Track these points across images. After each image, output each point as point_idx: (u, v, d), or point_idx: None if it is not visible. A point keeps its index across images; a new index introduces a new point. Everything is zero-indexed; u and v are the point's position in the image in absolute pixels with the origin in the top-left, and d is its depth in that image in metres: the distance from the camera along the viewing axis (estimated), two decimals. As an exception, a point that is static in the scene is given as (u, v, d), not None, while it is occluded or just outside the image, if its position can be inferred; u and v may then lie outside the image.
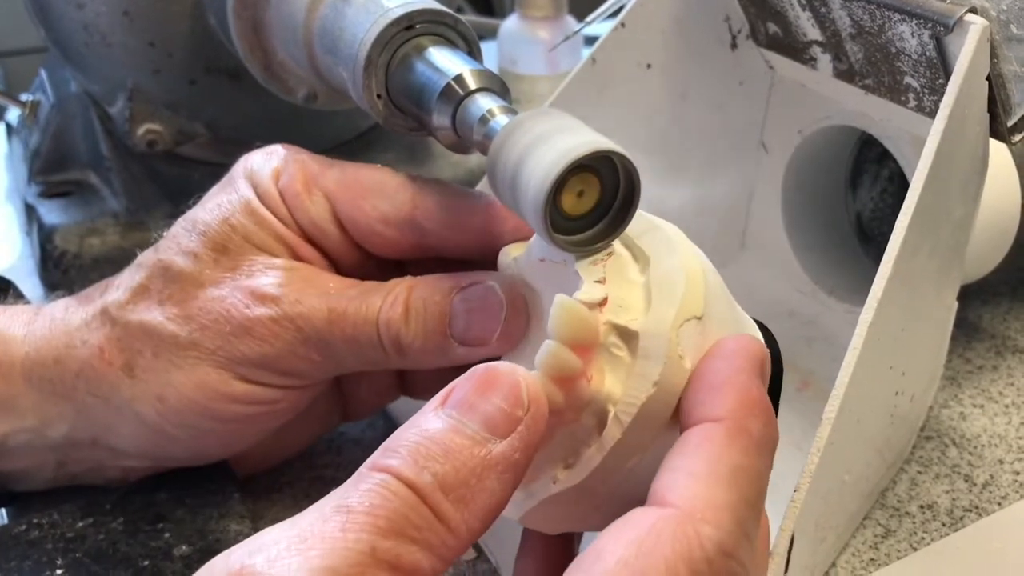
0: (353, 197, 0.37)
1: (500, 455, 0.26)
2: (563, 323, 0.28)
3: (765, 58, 0.51)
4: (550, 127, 0.31)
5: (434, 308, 0.35)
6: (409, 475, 0.25)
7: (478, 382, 0.27)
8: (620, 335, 0.29)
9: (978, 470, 0.46)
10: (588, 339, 0.29)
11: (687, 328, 0.28)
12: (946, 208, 0.39)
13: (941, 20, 0.36)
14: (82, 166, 0.61)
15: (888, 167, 0.56)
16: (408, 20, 0.37)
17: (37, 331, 0.38)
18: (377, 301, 0.35)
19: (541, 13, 0.71)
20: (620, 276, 0.30)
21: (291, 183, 0.37)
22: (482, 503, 0.25)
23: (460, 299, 0.34)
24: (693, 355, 0.28)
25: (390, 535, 0.24)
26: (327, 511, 0.24)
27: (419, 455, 0.25)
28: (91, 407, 0.37)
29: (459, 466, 0.25)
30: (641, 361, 0.28)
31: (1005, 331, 0.55)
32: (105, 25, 0.51)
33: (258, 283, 0.36)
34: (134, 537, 0.37)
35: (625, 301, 0.29)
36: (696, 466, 0.25)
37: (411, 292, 0.35)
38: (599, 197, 0.31)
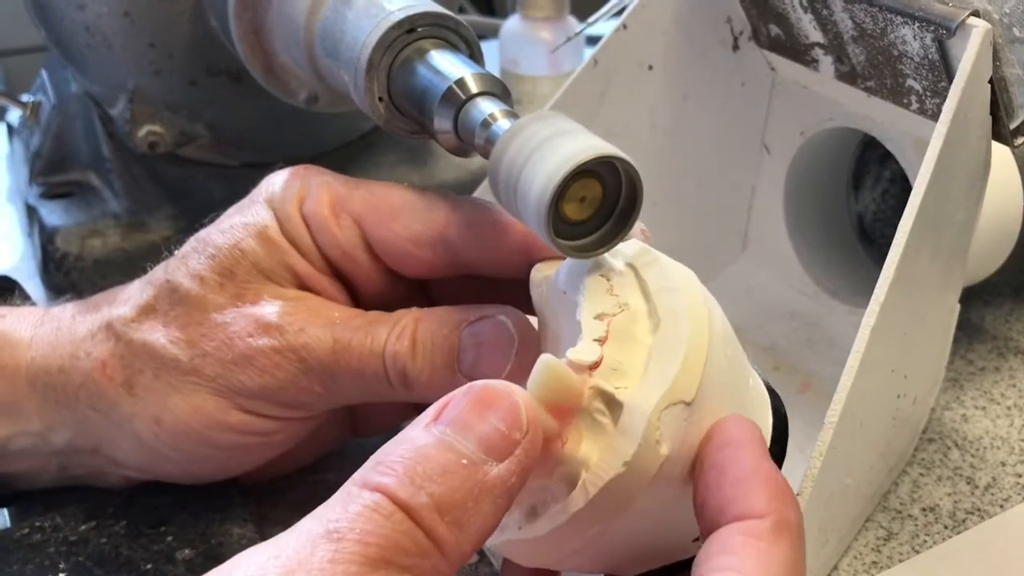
0: (383, 219, 0.36)
1: (497, 478, 0.25)
2: (543, 385, 0.27)
3: (767, 60, 0.51)
4: (552, 131, 0.31)
5: (442, 342, 0.34)
6: (404, 496, 0.24)
7: (475, 400, 0.26)
8: (606, 402, 0.28)
9: (980, 472, 0.46)
10: (569, 404, 0.28)
11: (671, 412, 0.27)
12: (949, 211, 0.39)
13: (944, 23, 0.36)
14: (83, 167, 0.61)
15: (890, 168, 0.55)
16: (410, 23, 0.37)
17: (43, 336, 0.38)
18: (383, 333, 0.35)
19: (543, 14, 0.71)
20: (626, 335, 0.29)
21: (317, 207, 0.37)
22: (476, 527, 0.25)
23: (469, 333, 0.34)
24: (673, 441, 0.27)
25: (379, 565, 0.23)
26: (315, 536, 0.23)
27: (415, 474, 0.24)
28: (92, 419, 0.37)
29: (456, 488, 0.24)
30: (619, 436, 0.27)
31: (1007, 332, 0.55)
32: (106, 26, 0.51)
33: (262, 312, 0.35)
34: (136, 541, 0.37)
35: (623, 365, 0.28)
36: (747, 566, 0.25)
37: (418, 324, 0.34)
38: (601, 202, 0.31)
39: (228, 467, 0.38)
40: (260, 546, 0.24)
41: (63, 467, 0.39)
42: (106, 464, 0.38)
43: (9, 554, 0.36)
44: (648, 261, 0.31)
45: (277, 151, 0.58)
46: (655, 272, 0.30)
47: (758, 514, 0.26)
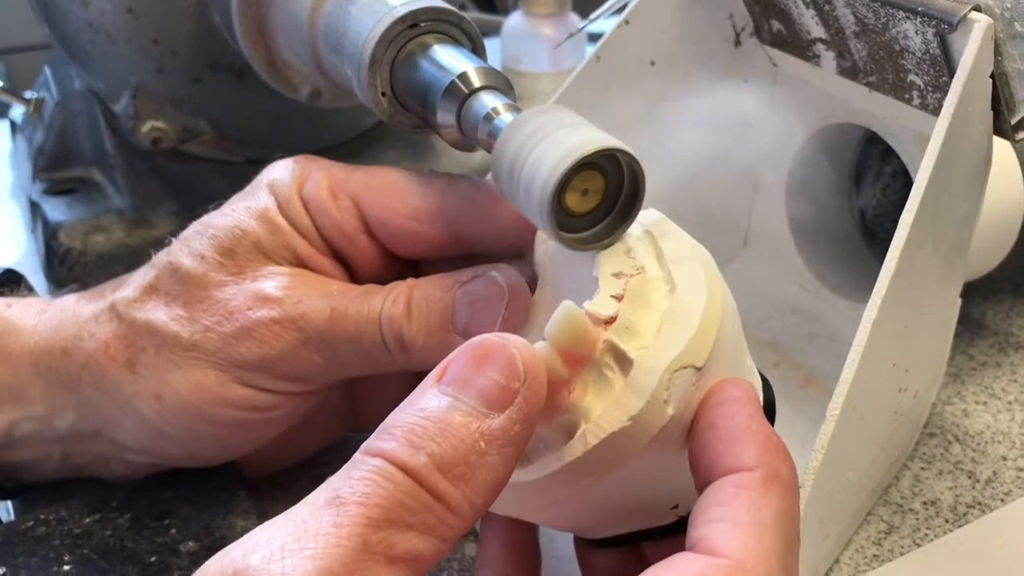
0: (381, 197, 0.37)
1: (499, 429, 0.25)
2: (562, 330, 0.28)
3: (769, 55, 0.51)
4: (555, 125, 0.31)
5: (436, 304, 0.34)
6: (404, 458, 0.24)
7: (473, 356, 0.26)
8: (616, 358, 0.28)
9: (981, 467, 0.46)
10: (583, 352, 0.28)
11: (682, 375, 0.28)
12: (950, 206, 0.39)
13: (945, 18, 0.36)
14: (86, 163, 0.61)
15: (892, 164, 0.56)
16: (412, 18, 0.37)
17: (47, 321, 0.38)
18: (379, 300, 0.35)
19: (544, 10, 0.71)
20: (641, 297, 0.29)
21: (316, 190, 0.37)
22: (483, 479, 0.25)
23: (462, 293, 0.34)
24: (679, 403, 0.28)
25: (383, 525, 0.23)
26: (320, 503, 0.24)
27: (414, 436, 0.25)
28: (94, 400, 0.37)
29: (457, 443, 0.25)
30: (627, 392, 0.28)
31: (1008, 327, 0.55)
32: (109, 23, 0.51)
33: (261, 286, 0.36)
34: (141, 533, 0.37)
35: (636, 325, 0.29)
36: (739, 516, 0.26)
37: (413, 290, 0.35)
38: (604, 194, 0.31)
39: (228, 447, 0.39)
40: (275, 519, 0.24)
41: (66, 455, 0.39)
42: (109, 449, 0.38)
43: (14, 547, 0.36)
44: (666, 231, 0.31)
45: (280, 147, 0.58)
46: (672, 241, 0.31)
47: (748, 467, 0.27)
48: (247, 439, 0.38)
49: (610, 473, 0.28)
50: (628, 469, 0.28)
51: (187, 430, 0.37)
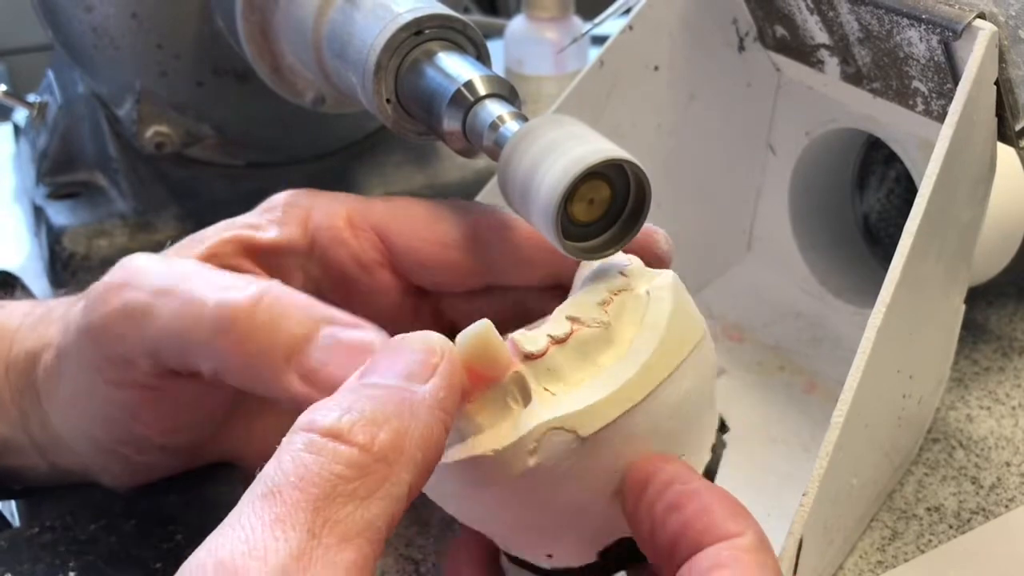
0: (410, 226, 0.35)
1: (426, 394, 0.26)
2: (469, 346, 0.27)
3: (772, 60, 0.51)
4: (561, 134, 0.31)
5: (292, 325, 0.30)
6: (328, 423, 0.24)
7: (388, 349, 0.27)
8: (522, 392, 0.28)
9: (985, 472, 0.46)
10: (487, 373, 0.28)
11: (558, 436, 0.28)
12: (954, 212, 0.39)
13: (950, 25, 0.36)
14: (90, 167, 0.61)
15: (895, 168, 0.56)
16: (417, 25, 0.37)
17: (28, 324, 0.38)
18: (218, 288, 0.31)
19: (548, 14, 0.71)
20: (586, 350, 0.29)
21: (331, 220, 0.35)
22: (419, 434, 0.25)
23: (330, 334, 0.30)
24: (549, 459, 0.28)
25: (322, 506, 0.23)
26: (258, 497, 0.23)
27: (339, 404, 0.25)
28: (41, 400, 0.37)
29: (383, 406, 0.25)
30: (510, 426, 0.28)
31: (1012, 332, 0.55)
32: (114, 28, 0.51)
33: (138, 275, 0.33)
34: (146, 540, 0.37)
35: (563, 371, 0.28)
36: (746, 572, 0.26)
37: (273, 292, 0.31)
38: (610, 204, 0.31)
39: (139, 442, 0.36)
40: (221, 525, 0.24)
41: (51, 463, 0.39)
42: (84, 452, 0.37)
43: (20, 553, 0.36)
44: (663, 297, 0.30)
45: (283, 151, 0.58)
46: (658, 309, 0.30)
47: (737, 533, 0.27)
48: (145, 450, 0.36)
49: (479, 492, 0.29)
50: (495, 496, 0.29)
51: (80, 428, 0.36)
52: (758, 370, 0.52)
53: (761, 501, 0.44)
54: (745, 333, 0.55)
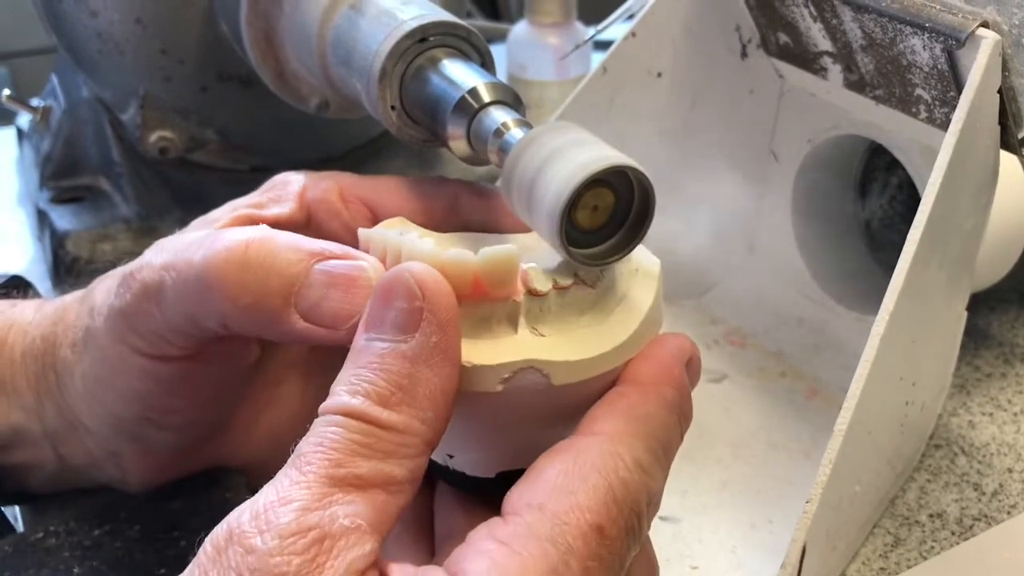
0: (395, 198, 0.37)
1: (417, 347, 0.28)
2: (487, 265, 0.29)
3: (775, 67, 0.51)
4: (565, 141, 0.31)
5: (284, 267, 0.31)
6: (344, 405, 0.27)
7: (381, 295, 0.28)
8: (509, 319, 0.30)
9: (987, 479, 0.46)
10: (489, 292, 0.29)
11: (528, 375, 0.29)
12: (957, 220, 0.39)
13: (953, 34, 0.36)
14: (93, 172, 0.61)
15: (897, 175, 0.56)
16: (422, 32, 0.37)
17: (44, 312, 0.39)
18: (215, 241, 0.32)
19: (550, 19, 0.71)
20: (577, 304, 0.31)
21: (325, 194, 0.37)
22: (422, 394, 0.27)
23: (322, 269, 0.31)
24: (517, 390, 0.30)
25: (343, 462, 0.26)
26: (287, 467, 0.26)
27: (350, 385, 0.27)
28: (63, 386, 0.37)
29: (386, 376, 0.27)
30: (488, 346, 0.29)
31: (1014, 338, 0.56)
32: (118, 33, 0.51)
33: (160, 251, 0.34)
34: (151, 545, 0.37)
35: (549, 317, 0.30)
36: (616, 409, 0.30)
37: (261, 237, 0.32)
38: (614, 211, 0.31)
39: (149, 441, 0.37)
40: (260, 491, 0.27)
41: (60, 457, 0.39)
42: (90, 442, 0.38)
43: (24, 558, 0.37)
44: (649, 285, 0.32)
45: (286, 155, 0.59)
46: (643, 293, 0.32)
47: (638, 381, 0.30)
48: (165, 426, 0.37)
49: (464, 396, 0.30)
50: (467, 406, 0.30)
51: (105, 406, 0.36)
52: (759, 375, 0.52)
53: (763, 507, 0.45)
54: (747, 338, 0.55)
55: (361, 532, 0.26)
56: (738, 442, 0.48)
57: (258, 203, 0.37)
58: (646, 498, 0.29)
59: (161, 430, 0.38)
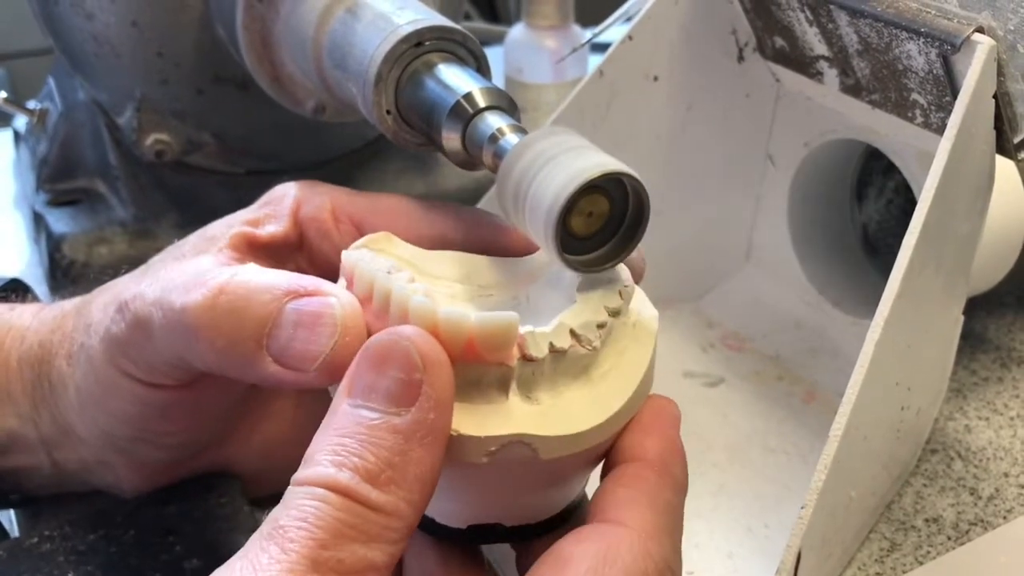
0: (386, 221, 0.36)
1: (413, 423, 0.26)
2: (486, 332, 0.28)
3: (772, 71, 0.51)
4: (560, 148, 0.31)
5: (256, 310, 0.30)
6: (330, 479, 0.25)
7: (371, 361, 0.27)
8: (499, 385, 0.29)
9: (983, 483, 0.46)
10: (484, 356, 0.28)
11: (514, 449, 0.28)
12: (953, 225, 0.39)
13: (948, 39, 0.36)
14: (90, 174, 0.61)
15: (894, 179, 0.56)
16: (418, 37, 0.37)
17: (40, 318, 0.39)
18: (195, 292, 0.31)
19: (547, 22, 0.71)
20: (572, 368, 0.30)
21: (318, 212, 0.36)
22: (412, 474, 0.26)
23: (292, 308, 0.30)
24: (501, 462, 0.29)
25: (327, 544, 0.24)
26: (265, 536, 0.25)
27: (336, 456, 0.26)
28: (57, 394, 0.37)
29: (377, 451, 0.26)
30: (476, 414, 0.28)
31: (1010, 342, 0.56)
32: (114, 36, 0.51)
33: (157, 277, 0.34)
34: (145, 550, 0.37)
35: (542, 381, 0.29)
36: (638, 496, 0.29)
37: (233, 280, 0.31)
38: (608, 217, 0.31)
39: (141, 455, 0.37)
40: (230, 560, 0.25)
41: (55, 462, 0.39)
42: (84, 450, 0.38)
43: (19, 563, 0.37)
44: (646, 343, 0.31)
45: (283, 159, 0.58)
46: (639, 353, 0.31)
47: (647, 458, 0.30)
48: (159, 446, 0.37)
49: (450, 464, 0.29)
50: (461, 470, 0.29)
51: (105, 422, 0.36)
52: (756, 379, 0.52)
53: (759, 511, 0.45)
54: (744, 342, 0.55)
55: None
56: (735, 446, 0.48)
57: (255, 219, 0.36)
58: None
59: (153, 448, 0.38)
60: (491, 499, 0.31)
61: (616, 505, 0.28)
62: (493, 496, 0.31)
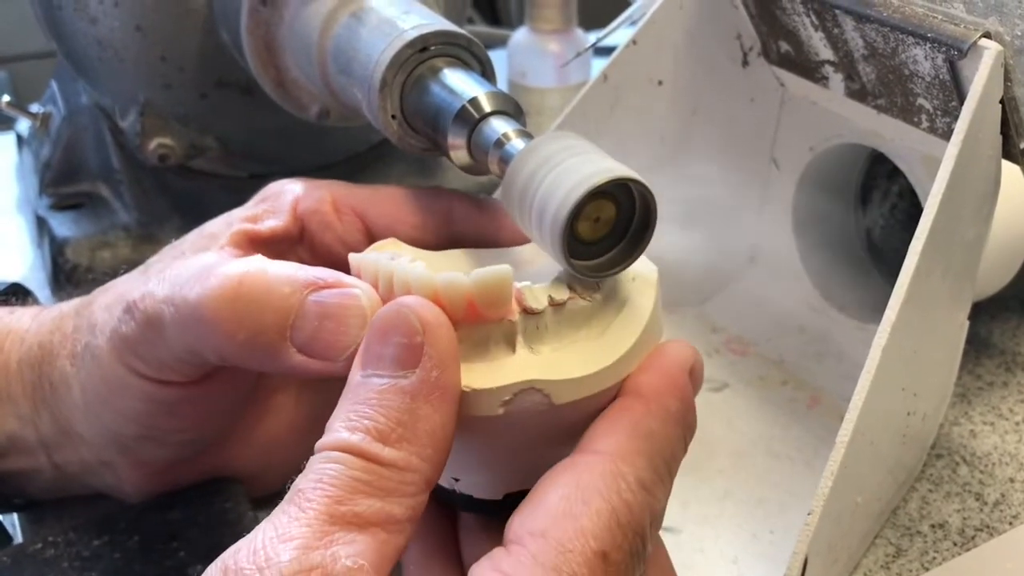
0: (388, 210, 0.37)
1: (418, 383, 0.27)
2: (481, 286, 0.29)
3: (776, 75, 0.51)
4: (567, 153, 0.31)
5: (277, 301, 0.31)
6: (343, 441, 0.26)
7: (379, 331, 0.28)
8: (506, 340, 0.30)
9: (989, 488, 0.46)
10: (483, 314, 0.29)
11: (530, 396, 0.29)
12: (959, 230, 0.39)
13: (955, 44, 0.36)
14: (93, 178, 0.61)
15: (898, 183, 0.56)
16: (423, 42, 0.37)
17: (40, 320, 0.39)
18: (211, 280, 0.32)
19: (551, 26, 0.71)
20: (575, 318, 0.30)
21: (318, 204, 0.37)
22: (423, 431, 0.27)
23: (315, 300, 0.31)
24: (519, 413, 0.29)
25: (344, 500, 0.26)
26: (286, 501, 0.26)
27: (349, 421, 0.27)
28: (59, 395, 0.37)
29: (386, 411, 0.27)
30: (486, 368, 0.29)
31: (1015, 347, 0.55)
32: (118, 40, 0.51)
33: (160, 275, 0.34)
34: (149, 556, 0.37)
35: (548, 334, 0.30)
36: (616, 425, 0.29)
37: (252, 271, 0.31)
38: (615, 222, 0.31)
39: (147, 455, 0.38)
40: (256, 527, 0.26)
41: (56, 465, 0.39)
42: (85, 451, 0.38)
43: (23, 569, 0.36)
44: (647, 293, 0.32)
45: (286, 162, 0.58)
46: (642, 303, 0.32)
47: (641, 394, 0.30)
48: (164, 443, 0.37)
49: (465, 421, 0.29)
50: (481, 429, 0.30)
51: (113, 421, 0.36)
52: (761, 384, 0.52)
53: (764, 517, 0.44)
54: (748, 347, 0.55)
55: (363, 573, 0.25)
56: (739, 451, 0.48)
57: (253, 216, 0.37)
58: (649, 518, 0.28)
59: (158, 446, 0.38)
60: (517, 461, 0.32)
61: (594, 436, 0.29)
62: (518, 457, 0.32)
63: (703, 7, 0.48)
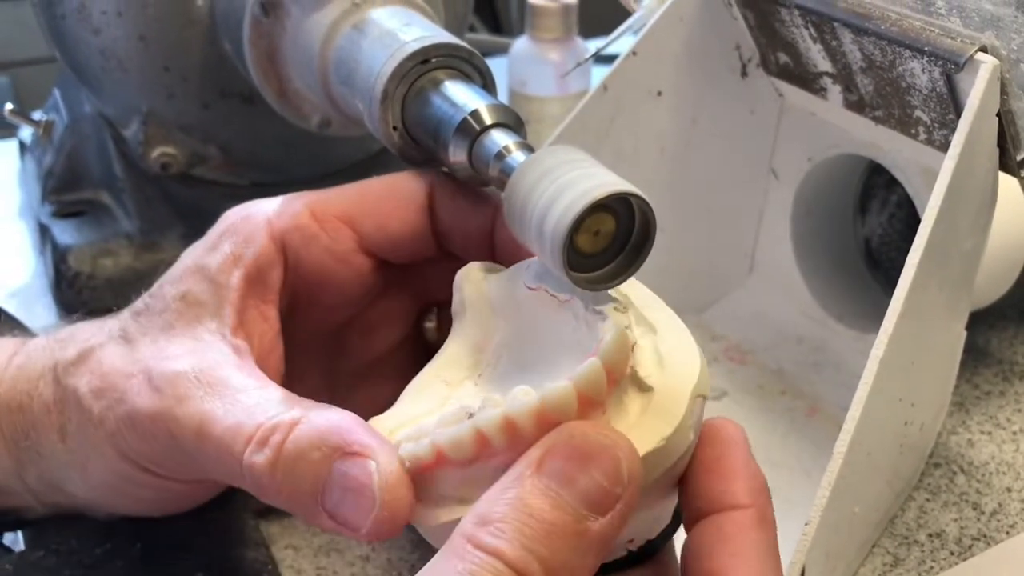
0: (375, 206, 0.36)
1: (599, 534, 0.26)
2: (616, 348, 0.28)
3: (775, 86, 0.51)
4: (567, 166, 0.31)
5: (309, 469, 0.30)
6: (516, 561, 0.25)
7: (576, 453, 0.26)
8: (636, 384, 0.29)
9: (986, 498, 0.47)
10: (618, 374, 0.28)
11: (699, 403, 0.29)
12: (956, 241, 0.39)
13: (952, 58, 0.37)
14: (95, 186, 0.61)
15: (897, 193, 0.56)
16: (424, 54, 0.37)
17: (12, 371, 0.37)
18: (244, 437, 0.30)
19: (551, 35, 0.71)
20: (637, 329, 0.30)
21: (296, 219, 0.35)
22: None
23: (340, 469, 0.29)
24: (697, 430, 0.29)
25: None
26: None
27: (523, 536, 0.25)
28: (45, 457, 0.36)
29: (561, 547, 0.25)
30: (650, 418, 0.28)
31: (1013, 356, 0.56)
32: (121, 50, 0.52)
33: (161, 367, 0.33)
34: (152, 565, 0.37)
35: (637, 360, 0.29)
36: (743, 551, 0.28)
37: (287, 439, 0.30)
38: (614, 236, 0.31)
39: (168, 507, 0.38)
40: None
41: (46, 505, 0.38)
42: (76, 499, 0.37)
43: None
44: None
45: (288, 171, 0.59)
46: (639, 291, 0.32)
47: (743, 505, 0.29)
48: (185, 502, 0.38)
49: None
50: None
51: (116, 500, 0.36)
52: (759, 393, 0.53)
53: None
54: (747, 356, 0.55)
55: None
56: (738, 460, 0.48)
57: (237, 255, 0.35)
58: None
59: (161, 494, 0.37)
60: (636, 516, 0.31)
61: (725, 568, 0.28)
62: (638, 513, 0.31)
63: (703, 18, 0.49)
